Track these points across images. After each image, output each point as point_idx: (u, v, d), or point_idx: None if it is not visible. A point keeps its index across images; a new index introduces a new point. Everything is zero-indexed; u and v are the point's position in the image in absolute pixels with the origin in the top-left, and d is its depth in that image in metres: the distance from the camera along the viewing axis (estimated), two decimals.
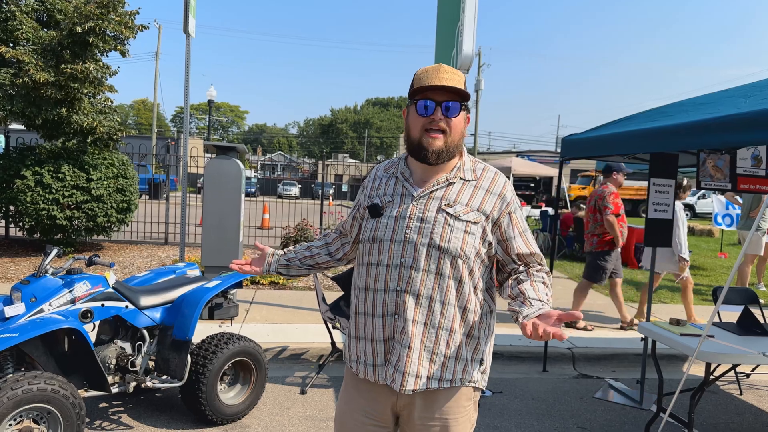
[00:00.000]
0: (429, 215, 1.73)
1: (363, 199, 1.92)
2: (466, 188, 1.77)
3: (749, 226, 8.79)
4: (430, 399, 1.76)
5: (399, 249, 1.73)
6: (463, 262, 1.72)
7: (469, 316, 1.76)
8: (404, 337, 1.72)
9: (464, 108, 1.75)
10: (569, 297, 8.10)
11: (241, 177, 6.07)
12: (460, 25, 4.84)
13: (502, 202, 1.78)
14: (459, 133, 1.75)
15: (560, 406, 4.43)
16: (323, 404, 4.19)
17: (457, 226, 1.71)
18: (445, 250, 1.70)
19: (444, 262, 1.71)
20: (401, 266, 1.72)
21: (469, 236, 1.72)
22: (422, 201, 1.76)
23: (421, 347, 1.72)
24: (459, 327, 1.74)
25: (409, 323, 1.71)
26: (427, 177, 1.79)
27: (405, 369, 1.72)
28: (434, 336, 1.72)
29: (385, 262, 1.75)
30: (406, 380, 1.72)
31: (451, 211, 1.73)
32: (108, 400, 3.99)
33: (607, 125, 4.70)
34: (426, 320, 1.72)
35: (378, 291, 1.76)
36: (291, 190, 36.40)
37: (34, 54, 8.34)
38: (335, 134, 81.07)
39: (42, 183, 8.39)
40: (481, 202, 1.76)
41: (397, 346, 1.73)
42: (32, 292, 3.10)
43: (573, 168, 34.47)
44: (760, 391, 4.95)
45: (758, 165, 4.12)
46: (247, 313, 6.16)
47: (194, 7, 6.99)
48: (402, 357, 1.72)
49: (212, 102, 27.04)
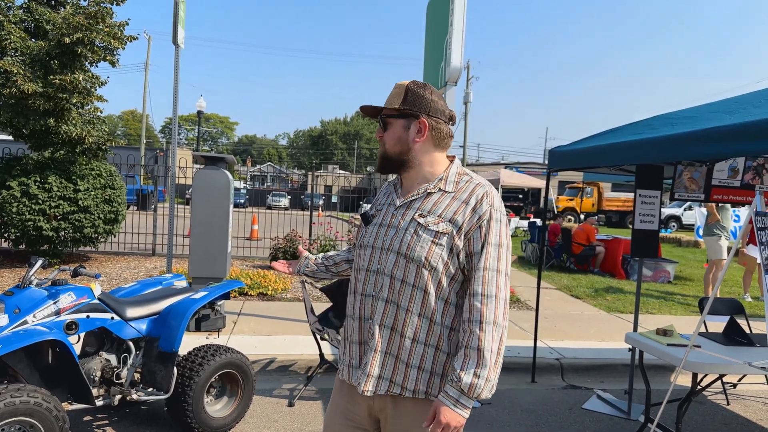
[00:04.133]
0: (403, 224, 1.79)
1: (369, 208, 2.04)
2: (444, 199, 1.78)
3: (708, 233, 9.24)
4: (400, 407, 1.77)
5: (377, 255, 1.81)
6: (428, 273, 1.72)
7: (436, 329, 1.74)
8: (372, 340, 1.77)
9: (396, 117, 1.83)
10: (557, 307, 8.14)
11: (229, 187, 6.05)
12: (449, 38, 4.88)
13: (474, 214, 1.72)
14: (394, 140, 1.83)
15: (549, 417, 4.43)
16: (311, 417, 4.16)
17: (424, 236, 1.73)
18: (411, 258, 1.73)
19: (409, 270, 1.74)
20: (378, 272, 1.79)
21: (436, 247, 1.72)
22: (401, 210, 1.82)
23: (387, 351, 1.76)
24: (425, 337, 1.74)
25: (376, 327, 1.77)
26: (410, 188, 1.86)
27: (369, 371, 1.76)
28: (398, 342, 1.75)
29: (365, 267, 1.84)
30: (368, 382, 1.76)
31: (422, 221, 1.75)
32: (93, 413, 3.94)
33: (593, 137, 4.74)
34: (392, 325, 1.76)
35: (358, 295, 1.85)
36: (280, 201, 36.32)
37: (22, 64, 8.29)
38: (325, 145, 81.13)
39: (28, 193, 8.32)
40: (454, 213, 1.74)
41: (366, 349, 1.79)
42: (16, 304, 3.06)
43: (561, 180, 34.73)
44: (747, 401, 4.98)
45: (734, 176, 4.18)
46: (234, 324, 6.12)
47: (183, 18, 6.99)
48: (368, 359, 1.77)
49: (202, 113, 27.00)
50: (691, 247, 18.63)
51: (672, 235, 21.62)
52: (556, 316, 7.51)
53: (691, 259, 15.23)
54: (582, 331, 6.83)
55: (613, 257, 11.72)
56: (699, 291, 10.09)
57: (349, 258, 2.23)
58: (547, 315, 7.49)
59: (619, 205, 30.27)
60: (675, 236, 21.19)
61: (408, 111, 1.81)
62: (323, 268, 2.24)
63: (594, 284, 10.24)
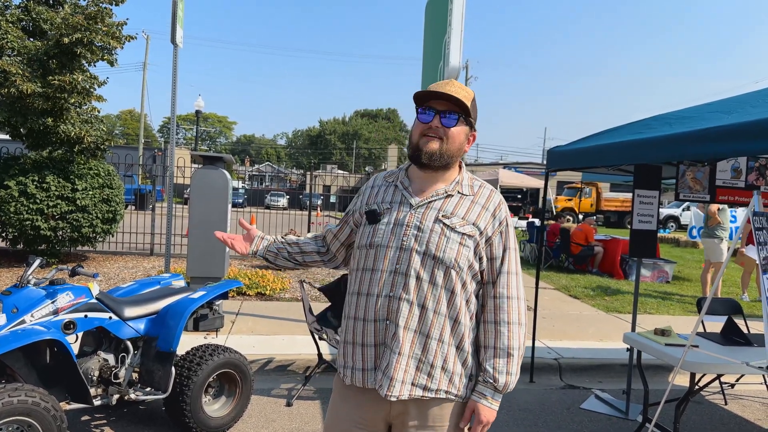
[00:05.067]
0: (426, 224, 1.76)
1: (359, 205, 1.95)
2: (464, 202, 1.81)
3: (708, 235, 9.26)
4: (423, 409, 1.76)
5: (395, 255, 1.76)
6: (456, 273, 1.74)
7: (459, 328, 1.77)
8: (395, 342, 1.73)
9: (464, 121, 1.79)
10: (555, 307, 8.15)
11: (228, 187, 6.04)
12: (447, 38, 4.88)
13: (495, 220, 1.81)
14: (457, 143, 1.78)
15: (547, 417, 4.43)
16: (309, 416, 4.16)
17: (452, 238, 1.74)
18: (440, 260, 1.73)
19: (438, 271, 1.73)
20: (396, 272, 1.75)
21: (463, 248, 1.75)
22: (420, 210, 1.79)
23: (410, 354, 1.73)
24: (449, 338, 1.75)
25: (400, 329, 1.73)
26: (425, 187, 1.83)
27: (393, 374, 1.72)
28: (423, 344, 1.74)
29: (380, 268, 1.78)
30: (393, 386, 1.72)
31: (448, 222, 1.76)
32: (90, 412, 3.93)
33: (592, 137, 4.75)
34: (417, 327, 1.73)
35: (371, 296, 1.78)
36: (279, 201, 36.31)
37: (20, 64, 8.28)
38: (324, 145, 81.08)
39: (26, 193, 8.30)
40: (476, 217, 1.79)
41: (387, 352, 1.75)
42: (14, 303, 3.05)
43: (559, 180, 34.74)
44: (745, 401, 4.99)
45: (738, 177, 4.19)
46: (232, 324, 6.12)
47: (182, 17, 6.98)
48: (391, 362, 1.73)
49: (200, 112, 26.95)
50: (690, 248, 18.64)
51: (670, 236, 21.65)
52: (554, 316, 7.52)
53: (690, 259, 15.25)
54: (580, 331, 6.83)
55: (612, 257, 11.72)
56: (697, 291, 10.10)
57: (320, 250, 2.09)
58: (546, 315, 7.50)
59: (618, 205, 30.30)
60: (673, 236, 21.22)
61: (472, 121, 1.83)
62: (285, 253, 2.08)
63: (592, 284, 10.25)
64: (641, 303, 8.54)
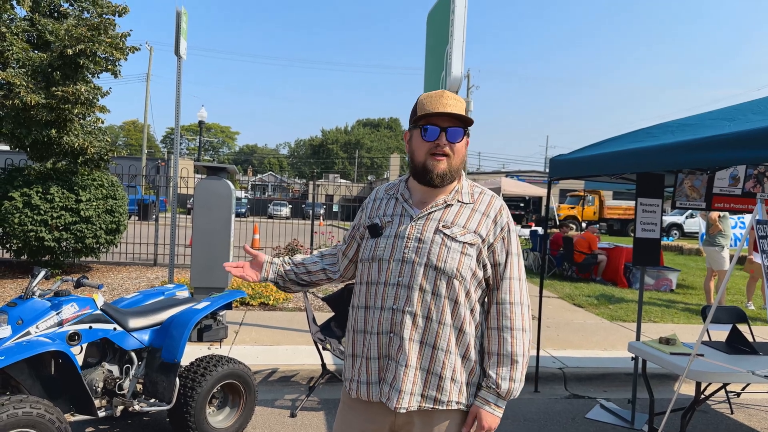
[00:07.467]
0: (427, 236, 1.76)
1: (363, 218, 1.95)
2: (464, 210, 1.81)
3: (709, 243, 9.26)
4: (430, 420, 1.77)
5: (397, 268, 1.76)
6: (459, 283, 1.74)
7: (465, 337, 1.77)
8: (401, 355, 1.73)
9: (466, 133, 1.80)
10: (559, 316, 8.12)
11: (231, 197, 6.06)
12: (449, 48, 4.91)
13: (496, 226, 1.80)
14: (461, 156, 1.80)
15: (552, 427, 4.41)
16: (313, 427, 4.15)
17: (453, 247, 1.74)
18: (442, 270, 1.73)
19: (440, 282, 1.73)
20: (398, 285, 1.75)
21: (465, 257, 1.75)
22: (421, 222, 1.79)
23: (418, 365, 1.73)
24: (455, 348, 1.75)
25: (405, 342, 1.73)
26: (426, 199, 1.83)
27: (401, 387, 1.73)
28: (430, 355, 1.74)
29: (383, 281, 1.78)
30: (401, 398, 1.73)
31: (448, 232, 1.76)
32: (95, 424, 3.93)
33: (594, 146, 4.75)
34: (422, 339, 1.74)
35: (375, 309, 1.79)
36: (281, 211, 36.36)
37: (24, 76, 8.34)
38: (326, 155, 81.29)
39: (30, 204, 8.33)
40: (477, 224, 1.79)
41: (392, 364, 1.75)
42: (19, 315, 3.06)
43: (562, 188, 34.73)
44: (751, 410, 4.96)
45: (735, 184, 4.20)
46: (236, 334, 6.11)
47: (186, 29, 7.04)
48: (398, 375, 1.73)
49: (203, 123, 27.07)
50: (693, 255, 18.59)
51: (674, 243, 21.59)
52: (558, 325, 7.50)
53: (694, 267, 15.20)
54: (584, 340, 6.80)
55: (615, 266, 11.69)
56: (701, 299, 10.06)
57: (326, 267, 2.07)
58: (549, 324, 7.47)
59: (621, 213, 30.25)
60: (677, 244, 21.16)
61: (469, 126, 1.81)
62: (293, 275, 2.06)
63: (596, 293, 10.22)
64: (645, 311, 8.51)
